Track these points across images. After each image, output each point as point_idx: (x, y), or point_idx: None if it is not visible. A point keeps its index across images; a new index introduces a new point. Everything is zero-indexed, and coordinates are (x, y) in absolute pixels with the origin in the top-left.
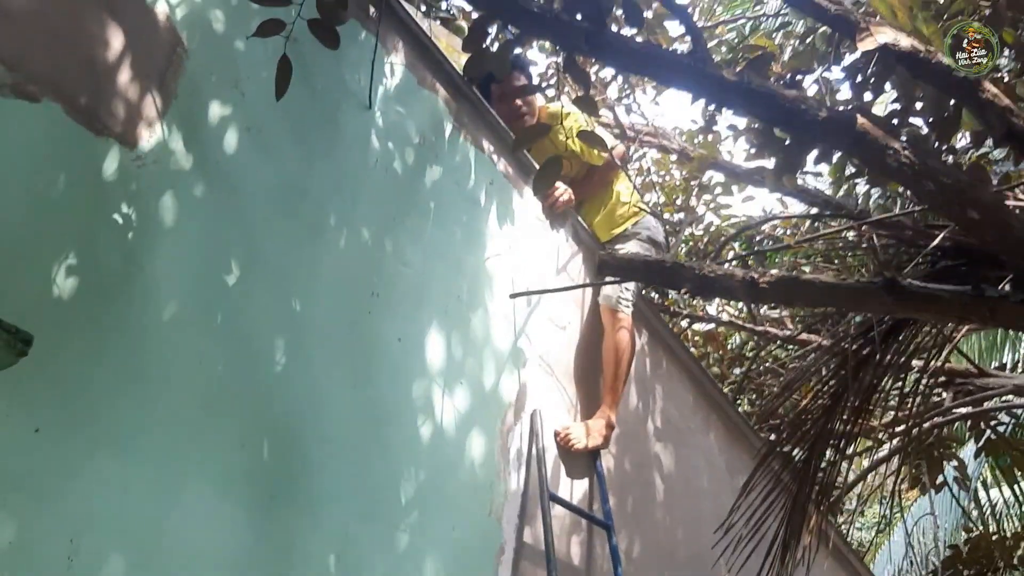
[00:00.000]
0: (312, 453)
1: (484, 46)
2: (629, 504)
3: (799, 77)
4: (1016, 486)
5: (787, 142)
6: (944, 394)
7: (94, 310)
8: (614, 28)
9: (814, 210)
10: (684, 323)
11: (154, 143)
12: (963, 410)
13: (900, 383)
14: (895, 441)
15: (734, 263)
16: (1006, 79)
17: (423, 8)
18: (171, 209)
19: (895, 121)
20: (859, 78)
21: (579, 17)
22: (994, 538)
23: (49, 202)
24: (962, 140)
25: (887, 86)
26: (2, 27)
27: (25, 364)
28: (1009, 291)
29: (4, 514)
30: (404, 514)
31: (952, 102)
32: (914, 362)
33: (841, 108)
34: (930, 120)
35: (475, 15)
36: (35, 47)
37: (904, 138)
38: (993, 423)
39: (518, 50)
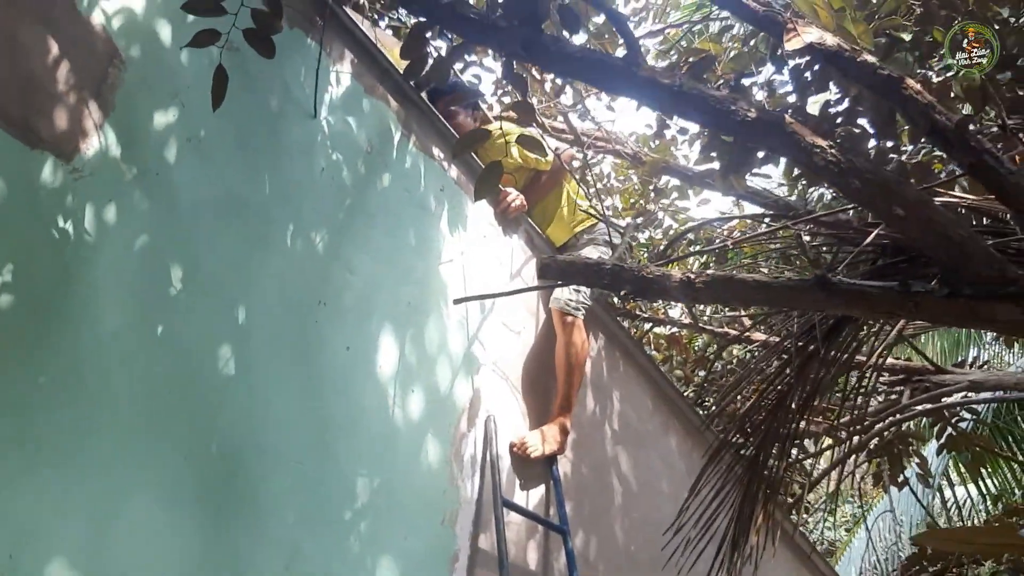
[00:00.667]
0: (259, 464)
1: (424, 53)
2: (586, 508)
3: (748, 82)
4: (980, 482)
5: (732, 143)
6: (904, 391)
7: (31, 324)
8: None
9: (758, 211)
10: (646, 326)
11: (91, 155)
12: (920, 407)
13: (846, 379)
14: (854, 440)
15: (693, 264)
16: (934, 79)
17: (375, 16)
18: (110, 221)
19: (839, 121)
20: (807, 76)
21: (516, 24)
22: None
23: None
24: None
25: (831, 86)
26: None
27: None
28: (935, 286)
29: None
30: (355, 523)
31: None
32: (861, 358)
33: (776, 109)
34: (871, 121)
35: (414, 22)
36: None
37: (839, 138)
38: (955, 420)
39: (473, 57)
